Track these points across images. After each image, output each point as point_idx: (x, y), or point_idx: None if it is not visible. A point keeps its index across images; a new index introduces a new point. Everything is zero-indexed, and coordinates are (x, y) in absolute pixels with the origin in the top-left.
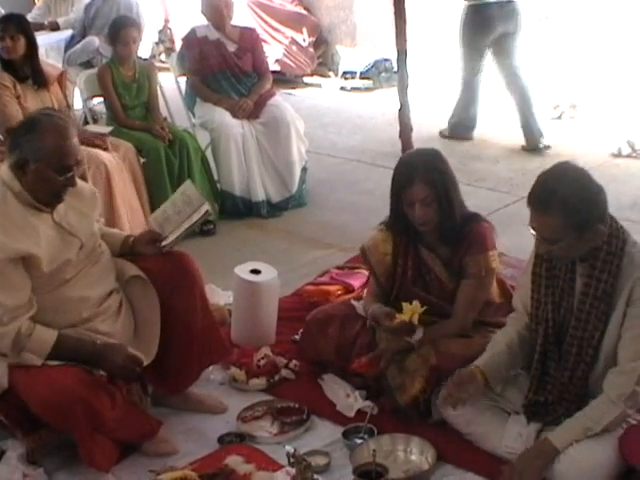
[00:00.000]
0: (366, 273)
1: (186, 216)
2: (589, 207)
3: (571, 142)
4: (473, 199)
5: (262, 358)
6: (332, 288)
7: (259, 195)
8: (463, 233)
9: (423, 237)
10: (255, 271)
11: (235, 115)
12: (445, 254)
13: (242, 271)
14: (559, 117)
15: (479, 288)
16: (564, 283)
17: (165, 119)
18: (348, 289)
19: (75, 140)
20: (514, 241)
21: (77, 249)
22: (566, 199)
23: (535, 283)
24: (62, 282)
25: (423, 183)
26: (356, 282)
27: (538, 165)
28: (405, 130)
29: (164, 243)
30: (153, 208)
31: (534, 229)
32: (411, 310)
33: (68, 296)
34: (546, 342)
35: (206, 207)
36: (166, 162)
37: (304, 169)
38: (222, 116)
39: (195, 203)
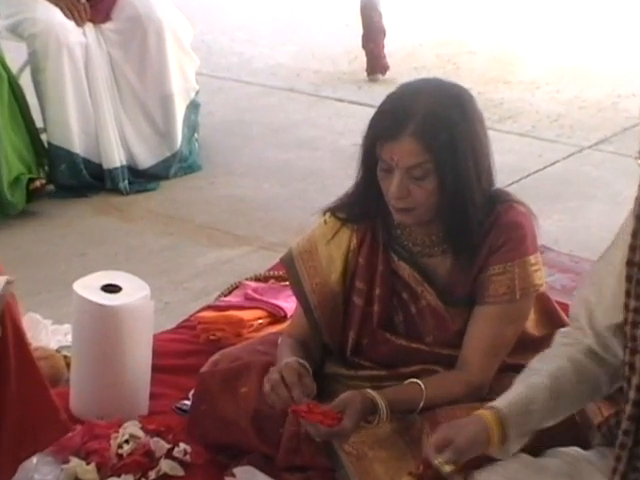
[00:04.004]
0: None
1: None
2: None
3: None
4: (495, 154)
5: (126, 441)
6: (248, 315)
7: (115, 156)
8: (481, 228)
9: (399, 235)
10: (111, 287)
11: (69, 16)
12: (445, 269)
13: (88, 288)
14: None
15: (508, 322)
16: None
17: None
18: (276, 316)
19: None
20: (567, 226)
21: None
22: None
23: (632, 281)
24: None
25: (416, 138)
26: (289, 303)
27: (606, 90)
28: (373, 35)
29: None
30: None
31: None
32: None
33: None
34: None
35: None
36: None
37: (193, 106)
38: (51, 14)
39: None
